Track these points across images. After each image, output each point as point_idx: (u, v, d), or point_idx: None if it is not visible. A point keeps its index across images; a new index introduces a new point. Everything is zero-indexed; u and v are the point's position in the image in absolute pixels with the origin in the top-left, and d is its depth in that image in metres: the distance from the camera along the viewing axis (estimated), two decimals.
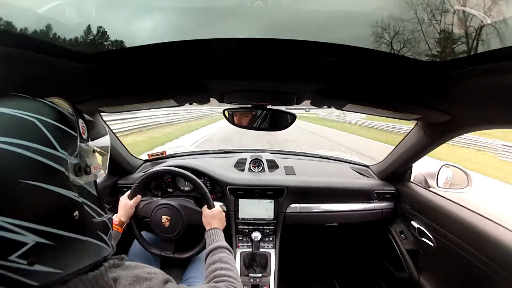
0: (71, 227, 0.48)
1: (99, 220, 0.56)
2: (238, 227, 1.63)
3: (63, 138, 0.49)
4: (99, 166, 0.59)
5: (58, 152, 0.46)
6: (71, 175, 0.49)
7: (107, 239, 0.58)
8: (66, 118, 0.52)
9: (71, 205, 0.48)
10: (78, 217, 0.49)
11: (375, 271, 2.01)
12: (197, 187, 1.24)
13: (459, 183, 1.46)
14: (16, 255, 0.40)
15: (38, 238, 0.42)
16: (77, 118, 0.55)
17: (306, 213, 1.67)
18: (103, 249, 0.56)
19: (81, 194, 0.51)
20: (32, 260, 0.42)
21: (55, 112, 0.50)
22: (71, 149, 0.50)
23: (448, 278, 1.34)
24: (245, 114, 1.19)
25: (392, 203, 1.73)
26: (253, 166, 1.89)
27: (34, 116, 0.45)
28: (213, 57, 0.71)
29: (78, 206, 0.50)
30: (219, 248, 0.95)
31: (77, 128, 0.53)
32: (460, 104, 0.87)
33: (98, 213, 0.56)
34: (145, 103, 1.05)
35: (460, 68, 0.61)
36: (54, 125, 0.48)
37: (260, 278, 1.46)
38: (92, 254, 0.53)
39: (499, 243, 1.03)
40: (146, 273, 0.59)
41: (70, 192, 0.48)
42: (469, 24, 0.55)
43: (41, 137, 0.45)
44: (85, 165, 0.53)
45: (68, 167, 0.48)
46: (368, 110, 1.04)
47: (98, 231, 0.55)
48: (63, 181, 0.47)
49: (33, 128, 0.45)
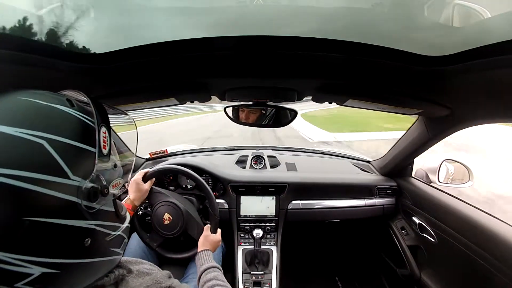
0: (81, 254, 0.44)
1: (114, 236, 0.51)
2: (240, 224, 1.63)
3: (77, 160, 0.42)
4: (119, 182, 0.51)
5: (70, 180, 0.40)
6: (84, 202, 0.42)
7: (120, 250, 0.54)
8: (84, 128, 0.44)
9: (81, 234, 0.43)
10: (89, 243, 0.44)
11: (376, 267, 2.01)
12: (211, 205, 1.23)
13: (460, 177, 1.46)
14: (22, 283, 0.37)
15: (44, 269, 0.39)
16: (99, 126, 0.46)
17: (308, 209, 1.67)
18: (114, 261, 0.53)
19: (95, 217, 0.45)
20: (38, 287, 0.39)
21: (69, 122, 0.43)
22: (86, 171, 0.43)
23: (449, 274, 1.34)
24: (246, 111, 1.19)
25: (394, 198, 1.73)
26: (254, 163, 1.89)
27: (42, 136, 0.38)
28: (214, 55, 0.71)
29: (90, 233, 0.44)
30: (212, 267, 0.95)
31: (96, 140, 0.45)
32: (460, 98, 0.86)
33: (113, 227, 0.51)
34: (146, 103, 1.05)
35: (460, 62, 0.61)
36: (67, 144, 0.41)
37: (262, 275, 1.46)
38: (101, 270, 0.50)
39: (500, 239, 1.03)
40: (147, 269, 0.59)
41: (81, 221, 0.42)
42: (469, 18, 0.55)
43: (49, 164, 0.38)
44: (102, 186, 0.46)
45: (81, 193, 0.42)
46: (369, 105, 1.04)
47: (112, 248, 0.51)
48: (73, 212, 0.41)
49: (40, 154, 0.38)
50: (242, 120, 1.20)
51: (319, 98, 1.05)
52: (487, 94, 0.75)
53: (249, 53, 0.69)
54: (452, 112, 0.98)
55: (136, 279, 0.54)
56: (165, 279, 0.59)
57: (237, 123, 1.22)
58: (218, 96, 1.06)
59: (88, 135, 0.44)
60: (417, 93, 0.89)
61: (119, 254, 0.54)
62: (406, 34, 0.61)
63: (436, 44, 0.60)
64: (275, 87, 0.97)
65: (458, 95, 0.84)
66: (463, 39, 0.58)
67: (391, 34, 0.61)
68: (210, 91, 0.99)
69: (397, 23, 0.60)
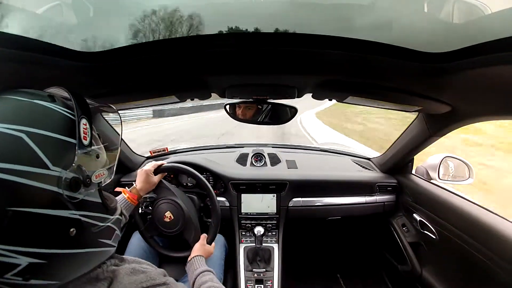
0: (67, 244, 0.45)
1: (102, 227, 0.52)
2: (241, 222, 1.64)
3: (57, 150, 0.43)
4: (102, 173, 0.52)
5: (50, 171, 0.41)
6: (66, 192, 0.43)
7: (111, 242, 0.55)
8: (64, 120, 0.46)
9: (66, 224, 0.44)
10: (74, 233, 0.45)
11: (377, 264, 2.02)
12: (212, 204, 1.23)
13: (461, 174, 1.45)
14: (10, 274, 0.39)
15: (31, 259, 0.40)
16: (79, 118, 0.48)
17: (309, 206, 1.67)
18: (106, 253, 0.54)
19: (79, 208, 0.46)
20: (27, 277, 0.40)
21: (49, 116, 0.44)
22: (66, 161, 0.44)
23: (450, 271, 1.35)
24: (243, 107, 1.19)
25: (394, 195, 1.73)
26: (255, 160, 1.89)
27: (21, 129, 0.40)
28: (214, 53, 0.71)
29: (75, 222, 0.45)
30: (207, 271, 0.95)
31: (77, 132, 0.46)
32: (460, 95, 0.86)
33: (101, 219, 0.52)
34: (146, 100, 1.05)
35: (460, 59, 0.61)
36: (46, 137, 0.42)
37: (264, 272, 1.47)
38: (92, 262, 0.51)
39: (501, 236, 1.03)
40: (143, 268, 0.59)
41: (64, 211, 0.43)
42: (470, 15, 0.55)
43: (29, 156, 0.40)
44: (84, 176, 0.47)
45: (62, 184, 0.43)
46: (369, 102, 1.04)
47: (100, 238, 0.52)
48: (55, 202, 0.42)
49: (20, 146, 0.39)
50: (239, 116, 1.20)
51: (319, 95, 1.05)
52: (488, 91, 0.75)
53: (249, 50, 0.69)
54: (453, 109, 0.98)
55: (131, 277, 0.54)
56: (160, 277, 0.59)
57: (237, 120, 1.22)
58: (218, 93, 1.06)
59: (67, 127, 0.46)
60: (418, 90, 0.89)
61: (111, 246, 0.55)
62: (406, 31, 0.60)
63: (436, 41, 0.60)
64: (275, 84, 0.97)
65: (459, 92, 0.84)
66: (463, 36, 0.58)
67: (391, 30, 0.61)
68: (210, 89, 0.99)
69: (397, 20, 0.60)
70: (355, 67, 0.78)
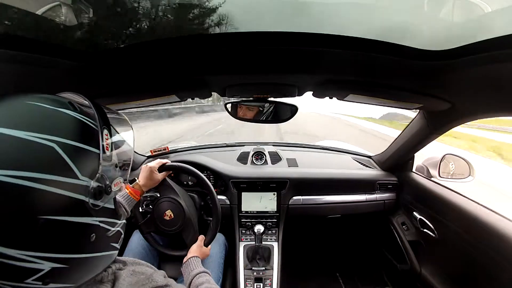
0: (87, 249, 0.47)
1: (114, 232, 0.54)
2: (241, 220, 1.64)
3: (85, 161, 0.44)
4: (120, 182, 0.54)
5: (79, 180, 0.43)
6: (91, 200, 0.45)
7: (117, 245, 0.57)
8: (88, 130, 0.46)
9: (88, 230, 0.46)
10: (94, 238, 0.47)
11: (377, 262, 2.02)
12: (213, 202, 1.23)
13: (461, 172, 1.45)
14: (32, 279, 0.40)
15: (54, 264, 0.41)
16: (101, 128, 0.49)
17: (309, 205, 1.67)
18: (113, 256, 0.56)
19: (98, 214, 0.48)
20: (47, 281, 0.42)
21: (76, 126, 0.45)
22: (92, 171, 0.45)
23: (449, 269, 1.35)
24: (246, 107, 1.19)
25: (394, 193, 1.73)
26: (255, 158, 1.89)
27: (52, 139, 0.40)
28: (214, 52, 0.71)
29: (95, 228, 0.47)
30: (204, 272, 0.96)
31: (100, 142, 0.47)
32: (461, 92, 0.86)
33: (112, 224, 0.53)
34: (147, 100, 1.05)
35: (460, 57, 0.61)
36: (75, 147, 0.43)
37: (264, 271, 1.47)
38: (103, 264, 0.53)
39: (501, 235, 1.03)
40: (143, 270, 0.60)
41: (88, 218, 0.45)
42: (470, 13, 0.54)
43: (61, 166, 0.41)
44: (106, 185, 0.49)
45: (88, 192, 0.44)
46: (370, 100, 1.04)
47: (112, 242, 0.54)
48: (82, 210, 0.44)
49: (51, 156, 0.40)
50: (240, 116, 1.21)
51: (319, 93, 1.05)
52: (489, 88, 0.75)
53: (249, 49, 0.69)
54: (453, 107, 0.98)
55: (132, 278, 0.55)
56: (161, 278, 0.60)
57: (237, 118, 1.22)
58: (218, 92, 1.06)
59: (92, 137, 0.47)
60: (418, 87, 0.89)
61: (116, 249, 0.57)
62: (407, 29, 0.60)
63: (436, 39, 0.60)
64: (275, 83, 0.97)
65: (459, 89, 0.84)
66: (463, 33, 0.58)
67: (392, 28, 0.60)
68: (210, 88, 0.99)
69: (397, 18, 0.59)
70: (356, 66, 0.78)
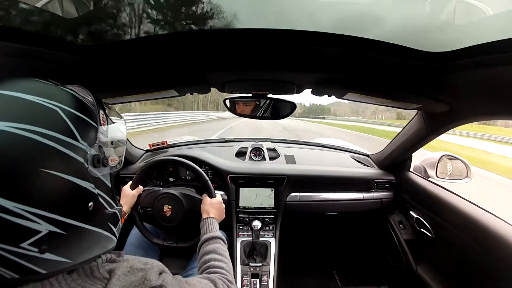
0: (85, 218, 0.48)
1: (111, 212, 0.56)
2: (238, 216, 1.65)
3: (84, 128, 0.49)
4: (116, 158, 0.58)
5: (79, 143, 0.46)
6: (90, 166, 0.49)
7: (115, 230, 0.59)
8: (87, 107, 0.51)
9: (86, 196, 0.48)
10: (92, 208, 0.49)
11: (373, 261, 2.04)
12: (198, 176, 1.23)
13: (458, 173, 1.46)
14: (28, 242, 0.40)
15: (52, 227, 0.42)
16: (98, 108, 0.54)
17: (306, 201, 1.68)
18: (111, 241, 0.57)
19: (96, 185, 0.51)
20: (43, 248, 0.42)
21: (76, 101, 0.49)
22: (91, 140, 0.50)
23: (445, 269, 1.36)
24: (245, 103, 1.19)
25: (392, 192, 1.74)
26: (254, 154, 1.89)
27: (56, 104, 0.45)
28: (213, 48, 0.70)
29: (93, 197, 0.50)
30: (214, 238, 0.94)
31: (98, 118, 0.53)
32: (459, 94, 0.86)
33: (110, 204, 0.56)
34: (146, 94, 1.05)
35: (460, 59, 0.61)
36: (76, 115, 0.47)
37: (260, 267, 1.47)
38: (101, 245, 0.54)
39: (496, 235, 1.04)
40: (142, 264, 0.58)
41: (87, 183, 0.48)
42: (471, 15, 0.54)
43: (63, 126, 0.44)
44: (103, 156, 0.53)
45: (87, 158, 0.48)
46: (369, 99, 1.04)
47: (109, 222, 0.56)
48: (81, 172, 0.47)
49: (55, 117, 0.44)
50: (239, 111, 1.21)
51: (318, 91, 1.05)
52: (487, 91, 0.75)
53: (249, 46, 0.69)
54: (451, 108, 0.98)
55: (128, 277, 0.53)
56: (156, 277, 0.57)
57: (237, 114, 1.22)
58: (217, 87, 1.06)
59: (90, 113, 0.51)
60: (417, 88, 0.89)
61: (114, 235, 0.58)
62: (407, 30, 0.60)
63: (436, 41, 0.60)
64: (274, 79, 0.97)
65: (458, 91, 0.84)
66: (463, 36, 0.58)
67: (392, 29, 0.60)
68: (209, 83, 0.99)
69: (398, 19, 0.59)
70: (356, 65, 0.78)
